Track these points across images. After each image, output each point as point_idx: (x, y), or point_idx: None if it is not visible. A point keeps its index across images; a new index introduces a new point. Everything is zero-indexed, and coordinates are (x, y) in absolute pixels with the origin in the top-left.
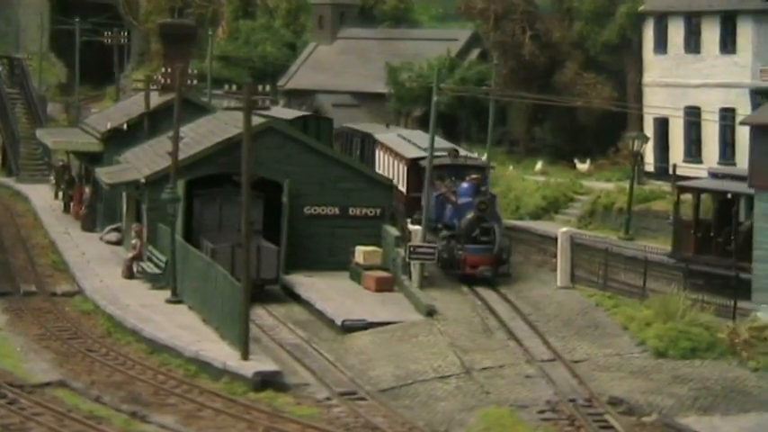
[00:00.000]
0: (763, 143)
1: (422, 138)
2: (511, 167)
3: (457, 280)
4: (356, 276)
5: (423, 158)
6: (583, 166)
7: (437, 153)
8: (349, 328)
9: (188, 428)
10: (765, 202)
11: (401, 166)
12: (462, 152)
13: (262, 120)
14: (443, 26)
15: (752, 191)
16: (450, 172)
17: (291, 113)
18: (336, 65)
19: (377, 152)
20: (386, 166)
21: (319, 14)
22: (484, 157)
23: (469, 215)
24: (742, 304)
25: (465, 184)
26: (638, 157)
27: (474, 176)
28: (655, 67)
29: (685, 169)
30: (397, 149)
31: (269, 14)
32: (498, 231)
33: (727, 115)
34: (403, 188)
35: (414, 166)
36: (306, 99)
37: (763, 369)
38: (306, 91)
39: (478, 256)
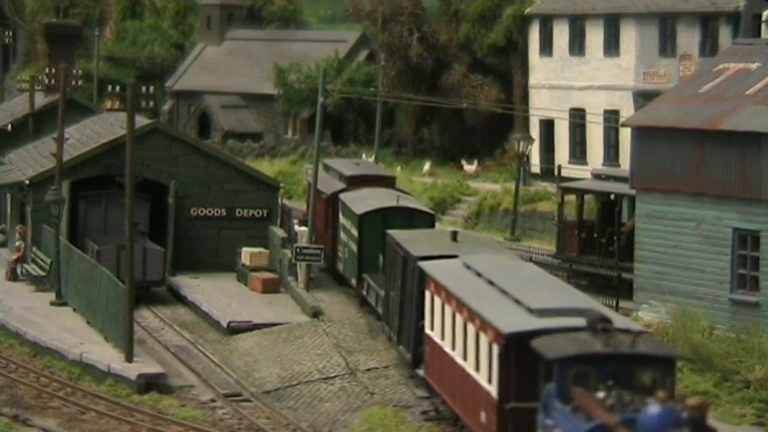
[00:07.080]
0: (644, 145)
1: (526, 277)
2: (399, 169)
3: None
4: (242, 278)
5: (537, 333)
6: (470, 168)
7: (562, 321)
8: (235, 329)
9: None
10: (646, 203)
11: (485, 340)
12: (622, 321)
13: (147, 121)
14: (331, 28)
15: (633, 192)
16: (603, 371)
17: (386, 199)
18: (224, 66)
19: (427, 295)
20: (444, 327)
21: (207, 15)
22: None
23: None
24: (624, 304)
25: (655, 410)
26: (524, 159)
27: (695, 404)
28: (540, 69)
29: (570, 170)
30: (473, 304)
31: (157, 15)
32: None
33: (611, 117)
34: (490, 386)
35: (515, 346)
36: (194, 100)
37: None
38: (194, 92)
39: None
